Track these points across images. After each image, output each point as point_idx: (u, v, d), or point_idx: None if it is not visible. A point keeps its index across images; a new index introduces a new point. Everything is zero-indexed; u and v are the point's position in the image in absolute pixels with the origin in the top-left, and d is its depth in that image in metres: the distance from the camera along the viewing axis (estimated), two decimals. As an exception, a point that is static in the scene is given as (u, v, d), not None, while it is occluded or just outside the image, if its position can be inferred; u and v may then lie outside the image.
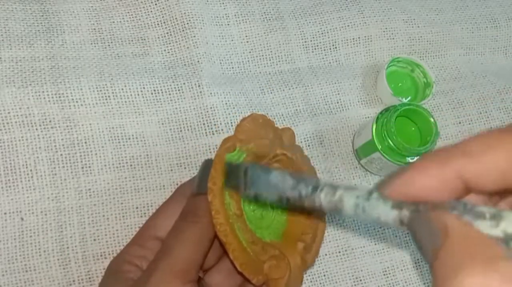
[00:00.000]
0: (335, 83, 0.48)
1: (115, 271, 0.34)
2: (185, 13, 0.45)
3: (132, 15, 0.45)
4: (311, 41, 0.49)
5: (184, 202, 0.34)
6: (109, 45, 0.44)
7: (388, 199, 0.22)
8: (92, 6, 0.44)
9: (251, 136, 0.34)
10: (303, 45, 0.48)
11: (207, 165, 0.33)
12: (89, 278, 0.37)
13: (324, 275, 0.42)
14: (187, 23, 0.45)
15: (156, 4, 0.45)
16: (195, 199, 0.33)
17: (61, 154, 0.39)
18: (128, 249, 0.34)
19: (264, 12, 0.48)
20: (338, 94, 0.47)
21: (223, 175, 0.32)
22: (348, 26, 0.49)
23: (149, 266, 0.32)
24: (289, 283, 0.33)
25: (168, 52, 0.45)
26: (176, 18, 0.45)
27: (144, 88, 0.43)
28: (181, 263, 0.30)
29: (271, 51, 0.48)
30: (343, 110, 0.47)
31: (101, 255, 0.38)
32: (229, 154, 0.33)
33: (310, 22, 0.49)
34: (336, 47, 0.49)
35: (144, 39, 0.45)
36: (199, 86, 0.43)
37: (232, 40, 0.47)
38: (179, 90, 0.43)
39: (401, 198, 0.21)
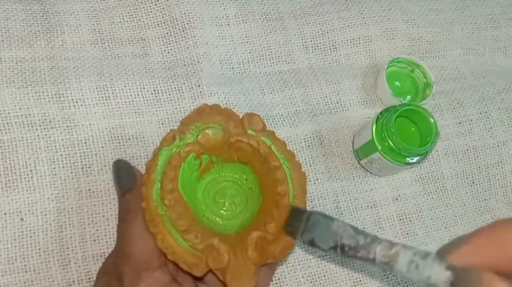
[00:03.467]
0: (335, 83, 0.48)
1: (104, 273, 0.34)
2: (185, 13, 0.45)
3: (132, 15, 0.45)
4: (311, 41, 0.49)
5: None
6: (109, 46, 0.44)
7: (444, 261, 0.22)
8: (92, 7, 0.44)
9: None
10: (303, 45, 0.48)
11: (117, 166, 0.36)
12: (89, 278, 0.37)
13: (324, 275, 0.42)
14: (187, 23, 0.45)
15: (156, 4, 0.45)
16: (123, 199, 0.34)
17: (61, 155, 0.39)
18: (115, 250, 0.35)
19: (264, 13, 0.48)
20: (338, 94, 0.47)
21: (156, 168, 0.33)
22: (348, 26, 0.49)
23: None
24: (235, 275, 0.31)
25: (168, 52, 0.45)
26: (176, 18, 0.45)
27: (144, 88, 0.43)
28: (132, 258, 0.31)
29: (271, 52, 0.48)
30: (343, 110, 0.47)
31: (100, 256, 0.38)
32: (167, 147, 0.33)
33: (310, 23, 0.49)
34: (336, 48, 0.49)
35: (144, 39, 0.45)
36: (199, 86, 0.43)
37: (232, 41, 0.47)
38: (179, 90, 0.43)
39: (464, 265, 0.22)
